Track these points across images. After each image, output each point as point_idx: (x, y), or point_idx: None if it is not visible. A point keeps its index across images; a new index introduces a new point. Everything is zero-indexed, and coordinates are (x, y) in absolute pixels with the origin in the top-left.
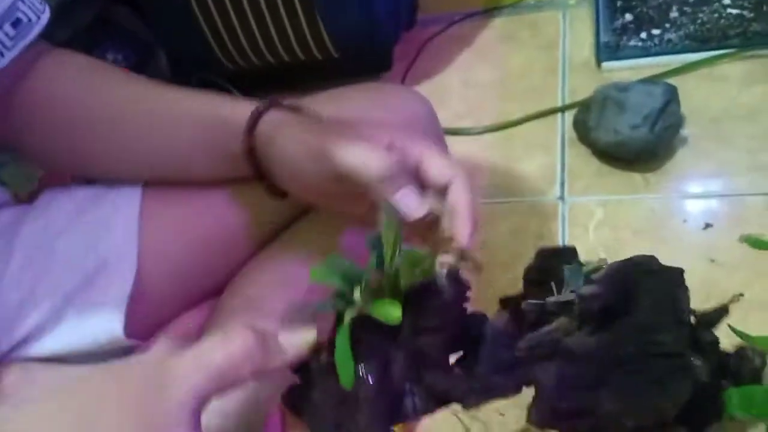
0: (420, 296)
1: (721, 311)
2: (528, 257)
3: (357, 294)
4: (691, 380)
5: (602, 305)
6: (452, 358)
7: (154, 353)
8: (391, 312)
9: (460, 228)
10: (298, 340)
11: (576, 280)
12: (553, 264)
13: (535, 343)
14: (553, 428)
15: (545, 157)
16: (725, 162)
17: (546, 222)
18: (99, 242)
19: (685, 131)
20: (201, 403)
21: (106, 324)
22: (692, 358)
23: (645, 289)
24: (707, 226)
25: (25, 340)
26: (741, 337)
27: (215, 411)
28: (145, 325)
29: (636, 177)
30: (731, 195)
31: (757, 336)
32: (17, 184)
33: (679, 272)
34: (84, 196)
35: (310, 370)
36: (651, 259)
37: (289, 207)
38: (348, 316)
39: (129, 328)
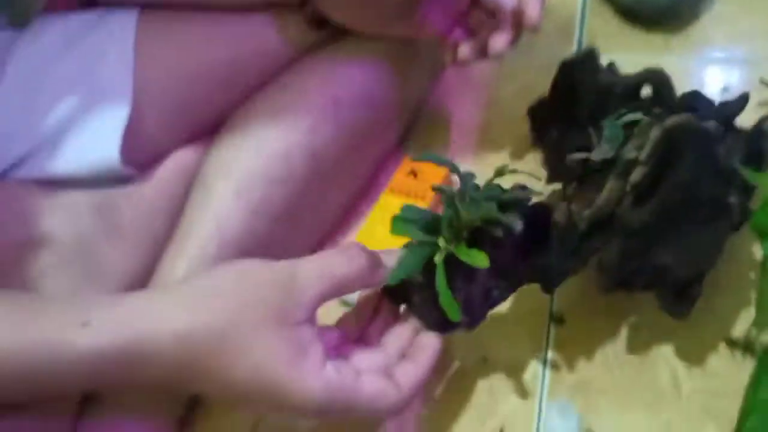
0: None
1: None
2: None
3: (440, 241)
4: (730, 220)
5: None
6: None
7: (283, 262)
8: (480, 259)
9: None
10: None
11: (615, 133)
12: (576, 75)
13: (594, 219)
14: (615, 290)
15: (564, 13)
16: (749, 28)
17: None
18: (94, 68)
19: None
20: (319, 305)
21: (102, 150)
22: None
23: (685, 148)
24: (725, 90)
25: (21, 162)
26: None
27: None
28: (142, 155)
29: (657, 38)
30: (751, 62)
31: None
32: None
33: (716, 128)
34: (79, 21)
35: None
36: (689, 120)
37: (303, 39)
38: (438, 259)
39: (125, 157)
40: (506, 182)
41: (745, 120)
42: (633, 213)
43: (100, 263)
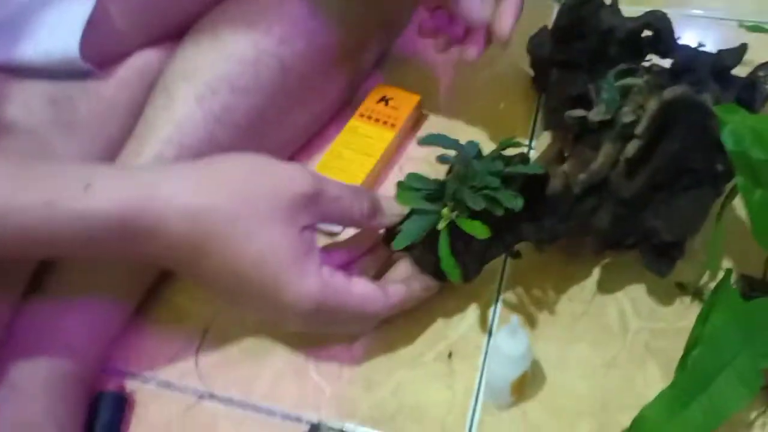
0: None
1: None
2: (515, 56)
3: (445, 211)
4: (717, 188)
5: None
6: None
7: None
8: (481, 231)
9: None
10: (398, 210)
11: (612, 96)
12: (578, 15)
13: (588, 183)
14: (604, 252)
15: None
16: None
17: (538, 23)
18: None
19: None
20: (321, 221)
21: (62, 41)
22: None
23: (680, 119)
24: (700, 45)
25: None
26: None
27: None
28: (103, 51)
29: None
30: (728, 21)
31: None
32: None
33: (709, 104)
34: None
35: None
36: (686, 93)
37: None
38: (442, 225)
39: (86, 52)
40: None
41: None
42: (625, 184)
43: (51, 157)
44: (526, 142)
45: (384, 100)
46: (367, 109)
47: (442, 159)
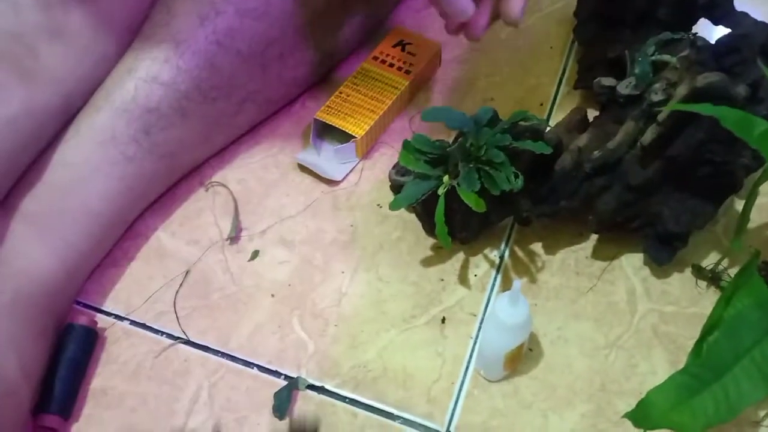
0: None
1: None
2: (544, 12)
3: (445, 178)
4: (734, 185)
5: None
6: None
7: None
8: (477, 203)
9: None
10: None
11: (644, 70)
12: None
13: (600, 162)
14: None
15: None
16: None
17: None
18: None
19: None
20: None
21: None
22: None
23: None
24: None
25: None
26: None
27: None
28: None
29: None
30: None
31: None
32: None
33: (740, 97)
34: None
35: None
36: (719, 82)
37: None
38: (441, 191)
39: None
40: None
41: None
42: (638, 170)
43: (37, 64)
44: (543, 116)
45: (401, 44)
46: (381, 53)
47: (451, 125)
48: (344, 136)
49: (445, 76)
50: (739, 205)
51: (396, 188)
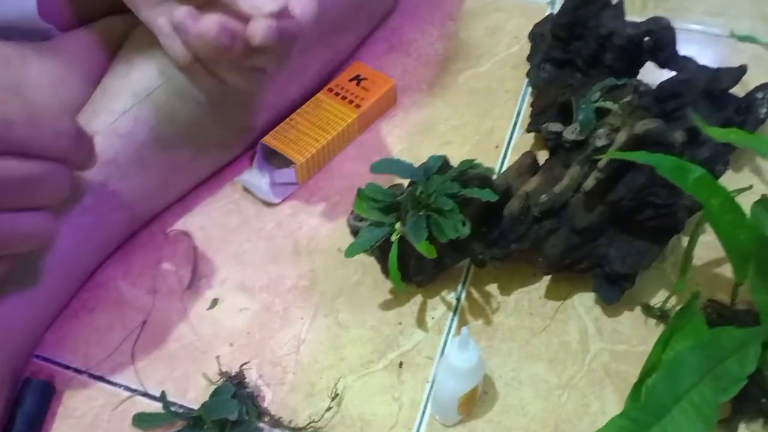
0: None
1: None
2: (499, 57)
3: (398, 225)
4: (676, 226)
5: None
6: None
7: None
8: (428, 250)
9: None
10: None
11: (588, 117)
12: (581, 14)
13: (547, 206)
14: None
15: None
16: (731, 5)
17: (527, 24)
18: None
19: None
20: None
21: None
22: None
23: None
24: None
25: None
26: None
27: None
28: (63, 13)
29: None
30: (724, 36)
31: None
32: None
33: (682, 143)
34: None
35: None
36: (657, 129)
37: None
38: (394, 238)
39: (45, 11)
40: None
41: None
42: (582, 214)
43: None
44: (498, 158)
45: (357, 78)
46: (337, 85)
47: (400, 176)
48: (289, 162)
49: (405, 120)
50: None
51: (355, 233)
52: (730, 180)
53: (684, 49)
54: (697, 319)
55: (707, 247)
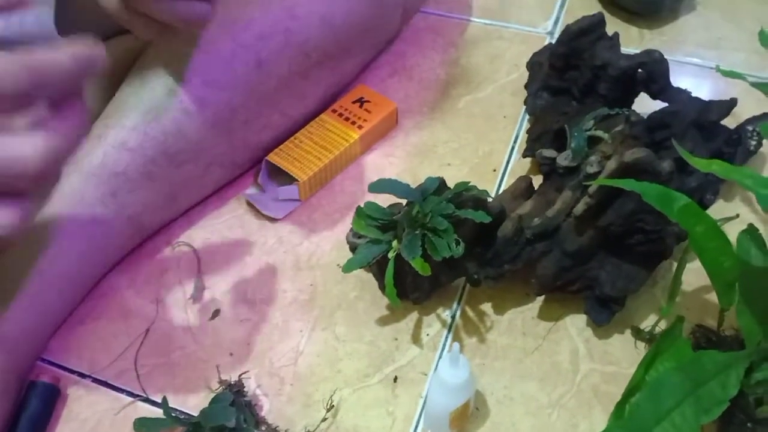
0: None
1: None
2: (499, 83)
3: (394, 243)
4: (664, 252)
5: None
6: None
7: None
8: (423, 267)
9: None
10: None
11: (580, 145)
12: (580, 44)
13: (540, 229)
14: (549, 294)
15: None
16: (726, 38)
17: (527, 52)
18: None
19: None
20: None
21: (36, 13)
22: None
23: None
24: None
25: None
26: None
27: None
28: (80, 28)
29: (633, 30)
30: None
31: None
32: None
33: (670, 172)
34: None
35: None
36: (646, 158)
37: None
38: (391, 255)
39: (62, 27)
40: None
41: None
42: (573, 238)
43: None
44: (495, 181)
45: (360, 101)
46: (340, 106)
47: (398, 196)
48: (292, 179)
49: (405, 141)
50: None
51: (353, 250)
52: (720, 209)
53: (679, 81)
54: (681, 342)
55: (696, 273)
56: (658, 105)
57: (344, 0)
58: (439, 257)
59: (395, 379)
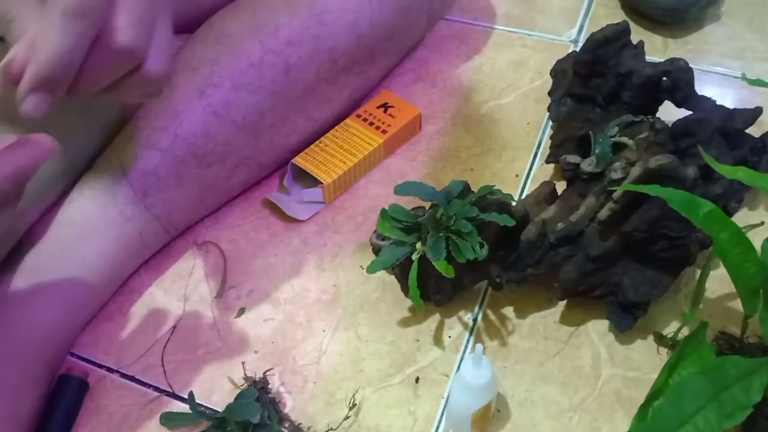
0: None
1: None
2: (522, 90)
3: (418, 245)
4: (689, 258)
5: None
6: None
7: None
8: (446, 269)
9: None
10: None
11: (605, 151)
12: (605, 51)
13: (563, 234)
14: (571, 298)
15: None
16: (750, 47)
17: (551, 60)
18: None
19: (722, 9)
20: None
21: None
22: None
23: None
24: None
25: None
26: None
27: None
28: None
29: (657, 39)
30: (739, 81)
31: None
32: None
33: (694, 179)
34: None
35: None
36: (671, 164)
37: None
38: (415, 257)
39: None
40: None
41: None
42: (597, 243)
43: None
44: (518, 186)
45: (384, 106)
46: (365, 111)
47: (423, 198)
48: (317, 182)
49: (429, 146)
50: None
51: (377, 252)
52: (744, 217)
53: (703, 90)
54: (704, 347)
55: (720, 280)
56: (683, 113)
57: (371, 7)
58: (463, 259)
59: (417, 380)
